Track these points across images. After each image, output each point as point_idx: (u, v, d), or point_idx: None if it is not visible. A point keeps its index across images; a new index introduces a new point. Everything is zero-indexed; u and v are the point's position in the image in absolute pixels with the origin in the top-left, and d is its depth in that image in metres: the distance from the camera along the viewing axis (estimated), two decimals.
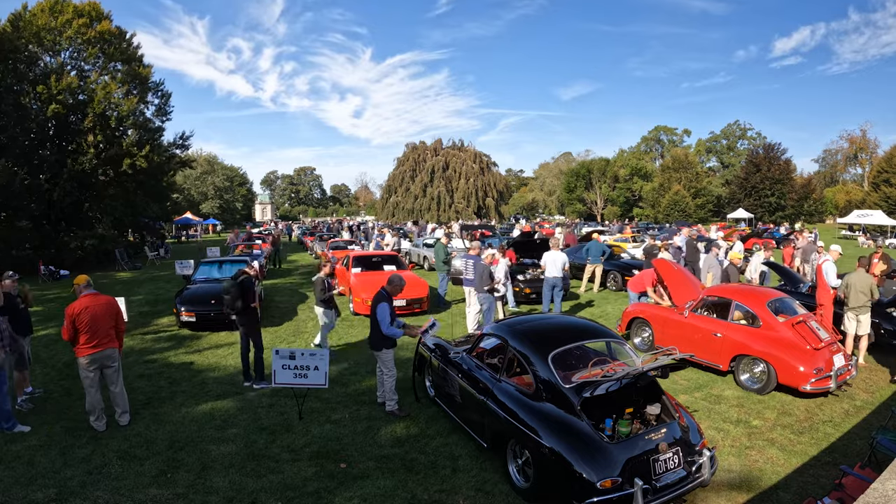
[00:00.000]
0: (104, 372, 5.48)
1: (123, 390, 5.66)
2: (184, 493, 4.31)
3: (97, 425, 5.46)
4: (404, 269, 12.77)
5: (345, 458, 4.89)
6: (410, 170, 62.77)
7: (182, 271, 13.43)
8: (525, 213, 75.78)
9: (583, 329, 5.25)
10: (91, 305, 5.39)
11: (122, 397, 5.62)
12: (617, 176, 66.65)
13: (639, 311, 8.53)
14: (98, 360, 5.39)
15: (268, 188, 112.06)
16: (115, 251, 21.57)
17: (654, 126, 79.66)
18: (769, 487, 4.40)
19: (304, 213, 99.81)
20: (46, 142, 21.71)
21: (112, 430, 5.51)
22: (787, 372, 6.16)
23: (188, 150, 28.06)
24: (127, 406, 5.68)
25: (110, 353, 5.48)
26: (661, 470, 3.87)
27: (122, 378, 5.66)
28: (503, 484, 4.43)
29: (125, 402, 5.66)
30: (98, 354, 5.38)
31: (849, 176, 73.36)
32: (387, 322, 5.67)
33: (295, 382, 5.71)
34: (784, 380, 6.20)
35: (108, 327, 5.48)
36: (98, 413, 5.46)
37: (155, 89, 24.65)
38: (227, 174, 74.68)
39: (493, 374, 4.99)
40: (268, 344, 8.93)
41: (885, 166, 47.17)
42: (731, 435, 5.34)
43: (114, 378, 5.53)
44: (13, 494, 4.28)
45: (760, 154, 53.85)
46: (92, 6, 22.18)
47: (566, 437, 3.94)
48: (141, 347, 8.94)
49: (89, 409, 5.47)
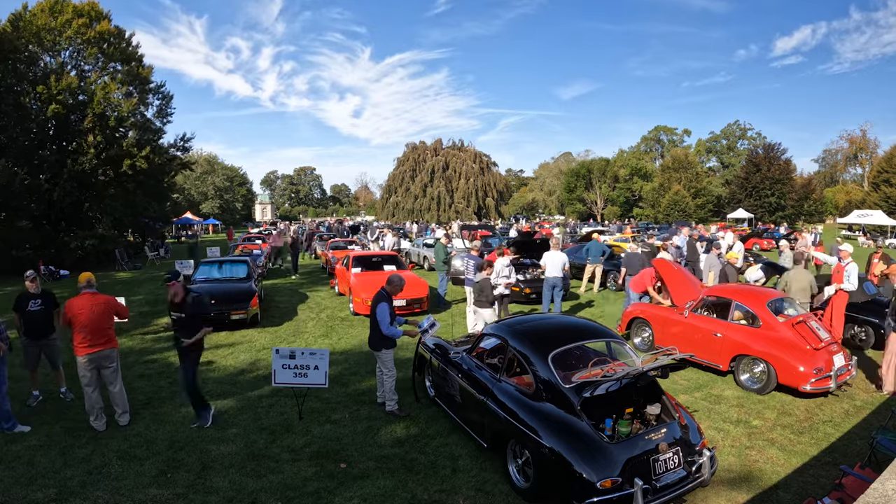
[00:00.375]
0: (101, 372, 5.46)
1: (123, 390, 5.64)
2: (184, 493, 4.31)
3: (97, 425, 5.46)
4: (404, 269, 12.76)
5: (345, 458, 4.89)
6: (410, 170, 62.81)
7: (182, 271, 13.41)
8: (525, 213, 75.76)
9: (583, 329, 5.25)
10: (88, 304, 5.40)
11: (122, 397, 5.61)
12: (617, 176, 66.63)
13: (639, 311, 8.54)
14: (95, 361, 5.38)
15: (268, 188, 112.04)
16: (115, 251, 21.58)
17: (654, 126, 79.77)
18: (769, 487, 4.40)
19: (304, 213, 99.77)
20: (46, 142, 21.72)
21: (112, 430, 5.50)
22: (787, 372, 6.16)
23: (189, 152, 28.03)
24: (126, 406, 5.67)
25: (108, 354, 5.46)
26: (661, 470, 3.87)
27: (121, 378, 5.64)
28: (503, 484, 4.43)
29: (125, 401, 5.65)
30: (95, 354, 5.37)
31: (849, 176, 73.38)
32: (387, 322, 5.67)
33: (295, 382, 5.71)
34: (784, 380, 6.20)
35: (105, 327, 5.46)
36: (97, 413, 5.46)
37: (156, 91, 24.68)
38: (227, 174, 74.73)
39: (493, 374, 4.99)
40: (268, 344, 8.95)
41: (885, 166, 47.18)
42: (731, 435, 5.34)
43: (112, 378, 5.51)
44: (13, 494, 4.28)
45: (760, 154, 53.84)
46: (91, 6, 22.20)
47: (566, 437, 3.94)
48: (141, 347, 8.94)
49: (88, 409, 5.47)
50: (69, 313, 5.35)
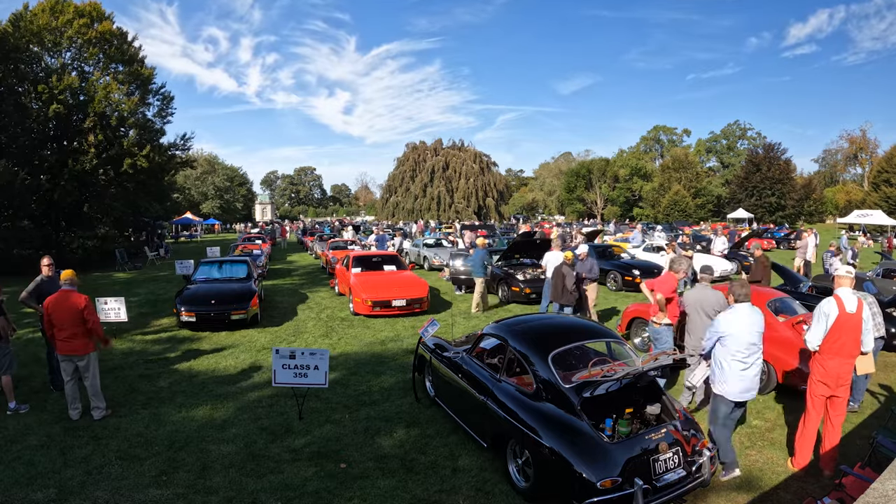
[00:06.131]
0: (77, 365, 5.70)
1: (96, 385, 5.79)
2: (184, 493, 4.31)
3: (72, 414, 5.75)
4: (404, 269, 12.76)
5: (345, 459, 4.89)
6: (410, 170, 62.86)
7: (182, 271, 13.43)
8: (525, 213, 75.75)
9: (583, 329, 5.25)
10: (60, 301, 5.65)
11: (95, 391, 5.78)
12: (617, 176, 66.64)
13: (639, 311, 8.53)
14: (70, 359, 5.67)
15: (268, 188, 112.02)
16: (115, 251, 21.59)
17: (653, 125, 79.76)
18: (769, 487, 4.40)
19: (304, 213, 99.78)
20: (47, 142, 21.71)
21: (112, 430, 5.51)
22: (787, 372, 6.16)
23: (188, 151, 28.03)
24: (100, 401, 5.81)
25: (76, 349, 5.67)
26: (661, 470, 3.87)
27: (95, 373, 5.79)
28: (503, 484, 4.43)
29: (98, 396, 5.81)
30: (68, 355, 5.66)
31: (849, 176, 73.37)
32: None
33: (295, 382, 5.71)
34: (784, 380, 6.20)
35: (73, 324, 5.62)
36: (73, 403, 5.77)
37: (156, 92, 24.68)
38: (227, 174, 74.73)
39: (493, 374, 4.99)
40: (268, 344, 8.95)
41: (885, 166, 47.18)
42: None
43: (85, 373, 5.73)
44: (13, 494, 4.28)
45: (760, 154, 53.88)
46: (93, 6, 22.18)
47: (566, 436, 3.94)
48: (141, 347, 8.94)
49: (67, 399, 5.81)
50: (46, 311, 5.67)
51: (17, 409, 5.97)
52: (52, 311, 5.62)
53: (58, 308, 5.61)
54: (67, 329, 5.60)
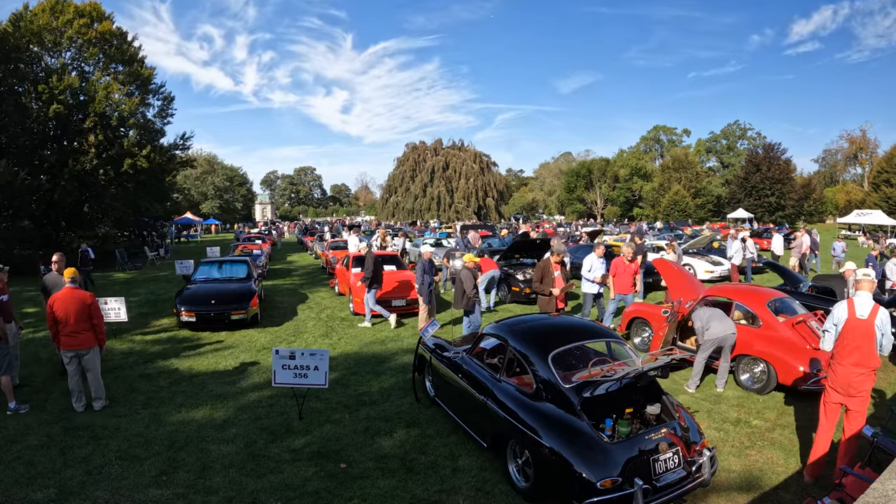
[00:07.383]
0: (81, 360, 5.89)
1: (99, 378, 6.02)
2: (184, 493, 4.31)
3: (77, 407, 5.95)
4: (404, 269, 12.76)
5: (345, 459, 4.89)
6: (410, 170, 62.79)
7: (182, 271, 13.43)
8: (525, 213, 75.74)
9: (583, 329, 5.25)
10: (65, 299, 5.76)
11: (97, 384, 6.00)
12: (617, 176, 66.63)
13: (639, 311, 8.53)
14: (75, 354, 5.84)
15: (268, 188, 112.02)
16: (115, 251, 21.59)
17: (653, 125, 79.77)
18: (769, 488, 4.40)
19: (303, 213, 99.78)
20: (47, 142, 21.71)
21: (112, 430, 5.51)
22: (787, 372, 6.16)
23: (188, 151, 28.05)
24: (102, 393, 6.06)
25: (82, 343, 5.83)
26: (661, 470, 3.87)
27: (98, 367, 5.99)
28: (503, 484, 4.43)
29: (100, 389, 6.04)
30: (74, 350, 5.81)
31: (849, 176, 73.36)
32: None
33: (295, 382, 5.71)
34: (784, 380, 6.20)
35: (79, 319, 5.77)
36: (77, 396, 5.96)
37: (156, 92, 24.68)
38: (227, 174, 74.74)
39: (493, 374, 4.99)
40: (268, 344, 8.95)
41: (885, 166, 47.17)
42: (731, 435, 5.34)
43: (89, 366, 5.91)
44: (13, 494, 4.28)
45: (760, 154, 53.81)
46: (93, 6, 22.19)
47: (566, 436, 3.94)
48: (141, 347, 8.94)
49: (71, 393, 5.99)
50: (51, 307, 5.78)
51: (17, 409, 5.97)
52: (60, 306, 5.74)
53: (65, 303, 5.74)
54: (74, 324, 5.75)
